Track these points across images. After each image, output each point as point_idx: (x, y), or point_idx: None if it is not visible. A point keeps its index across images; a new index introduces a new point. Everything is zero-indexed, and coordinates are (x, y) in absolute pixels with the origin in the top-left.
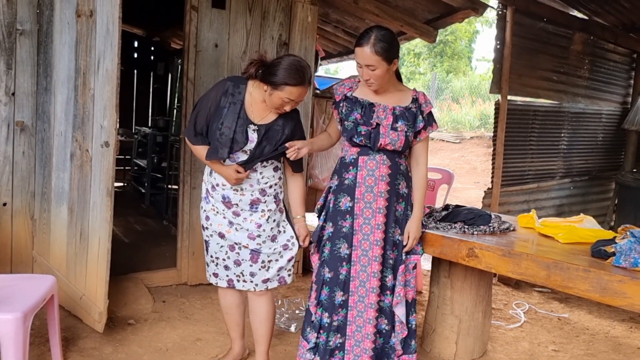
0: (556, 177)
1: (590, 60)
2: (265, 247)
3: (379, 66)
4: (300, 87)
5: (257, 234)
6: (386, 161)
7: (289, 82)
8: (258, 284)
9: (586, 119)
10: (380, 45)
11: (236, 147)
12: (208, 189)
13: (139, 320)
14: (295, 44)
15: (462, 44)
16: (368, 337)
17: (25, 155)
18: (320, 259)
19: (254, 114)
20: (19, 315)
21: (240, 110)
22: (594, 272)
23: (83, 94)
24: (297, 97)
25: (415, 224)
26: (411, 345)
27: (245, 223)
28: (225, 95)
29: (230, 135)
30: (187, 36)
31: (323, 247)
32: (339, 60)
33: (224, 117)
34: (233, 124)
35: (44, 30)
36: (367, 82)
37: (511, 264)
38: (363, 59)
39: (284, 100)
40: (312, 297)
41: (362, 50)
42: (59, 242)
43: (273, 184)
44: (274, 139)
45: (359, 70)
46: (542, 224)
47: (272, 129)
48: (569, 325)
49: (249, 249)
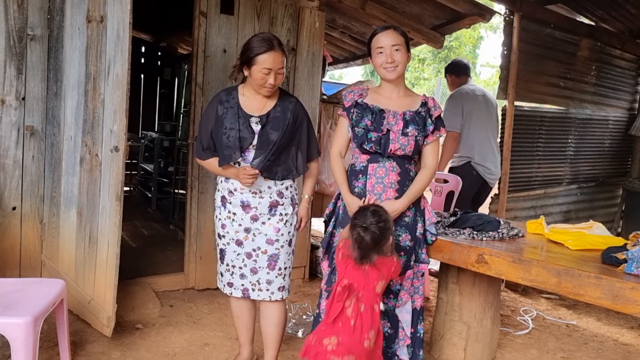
0: (563, 183)
1: (597, 66)
2: (283, 251)
3: (402, 49)
4: (271, 52)
5: (276, 238)
6: (396, 168)
7: (259, 51)
8: (274, 292)
9: (593, 125)
10: (401, 31)
11: (245, 143)
12: (224, 196)
13: (146, 325)
14: (303, 50)
15: (467, 50)
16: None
17: (34, 160)
18: (330, 266)
19: (252, 109)
20: (29, 320)
21: (238, 110)
22: (606, 279)
23: (93, 99)
24: (272, 64)
25: (394, 206)
26: (419, 355)
27: (264, 227)
28: (221, 103)
29: (237, 135)
30: (196, 41)
31: (333, 254)
32: (346, 65)
33: (225, 122)
34: (235, 124)
35: (55, 36)
36: (389, 65)
37: (521, 271)
38: (389, 40)
39: (263, 73)
40: (323, 304)
41: (387, 32)
42: (67, 246)
43: (289, 185)
44: (278, 124)
45: (379, 57)
46: (551, 230)
47: (273, 115)
48: (578, 332)
49: (267, 254)
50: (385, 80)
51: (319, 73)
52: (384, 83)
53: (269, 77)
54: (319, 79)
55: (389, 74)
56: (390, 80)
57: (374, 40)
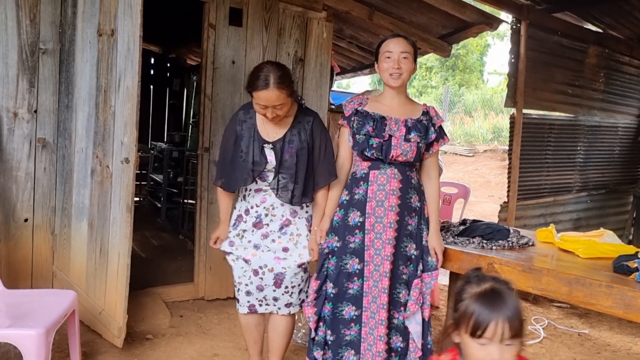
0: (573, 190)
1: (606, 73)
2: (289, 271)
3: (409, 57)
4: (262, 90)
5: (283, 257)
6: (397, 175)
7: (251, 88)
8: (281, 308)
9: (602, 132)
10: (411, 41)
11: (258, 168)
12: (241, 215)
13: (156, 335)
14: (311, 60)
15: (474, 58)
16: (380, 354)
17: (46, 172)
18: (320, 273)
19: (267, 133)
20: (41, 331)
21: (254, 132)
22: (617, 288)
23: (104, 111)
24: (264, 101)
25: (436, 237)
26: None
27: (273, 245)
28: (240, 124)
29: (250, 159)
30: (205, 53)
31: (325, 262)
32: (353, 75)
33: (242, 144)
34: (250, 147)
35: (66, 49)
36: (396, 71)
37: (532, 280)
38: (398, 47)
39: (259, 105)
40: (309, 312)
41: (397, 39)
42: (79, 257)
43: (304, 204)
44: (292, 148)
45: (386, 62)
46: (561, 239)
47: (287, 140)
48: (590, 341)
49: (273, 272)
50: (389, 86)
51: (327, 83)
52: (386, 90)
53: (267, 112)
54: (327, 89)
55: (393, 81)
56: (393, 87)
57: (384, 45)
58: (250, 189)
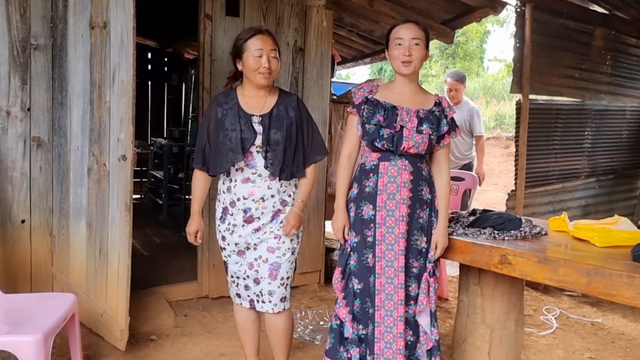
0: (581, 176)
1: (612, 55)
2: (285, 260)
3: (421, 44)
4: (259, 35)
5: (277, 246)
6: (408, 167)
7: (247, 36)
8: (277, 304)
9: (610, 116)
10: (423, 27)
11: (247, 144)
12: (226, 207)
13: (161, 336)
14: (311, 49)
15: (474, 45)
16: (400, 352)
17: (42, 171)
18: (344, 271)
19: (253, 108)
20: (39, 337)
21: (238, 110)
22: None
23: (99, 107)
24: (262, 45)
25: (442, 232)
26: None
27: (265, 236)
28: (220, 105)
29: (239, 136)
30: (202, 45)
31: (348, 259)
32: (354, 65)
33: (226, 123)
34: (237, 124)
35: (58, 44)
36: (407, 59)
37: (548, 271)
38: (409, 33)
39: (255, 56)
40: (344, 313)
41: (408, 25)
42: (78, 258)
43: (292, 192)
44: (281, 123)
45: (397, 49)
46: (575, 227)
47: (275, 114)
48: (604, 330)
49: (268, 263)
50: (400, 74)
51: (328, 73)
52: (397, 78)
53: (263, 60)
54: (328, 79)
55: (404, 68)
56: (405, 74)
57: (394, 31)
58: (235, 179)
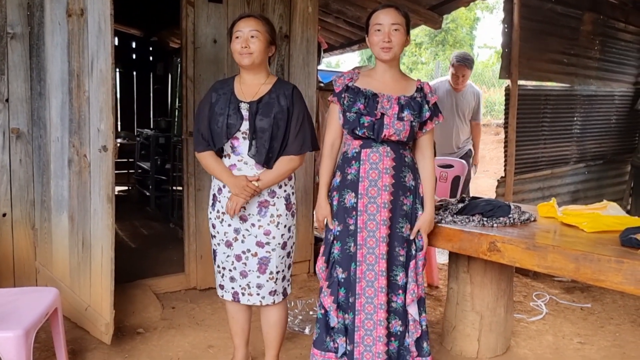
0: (570, 162)
1: (601, 40)
2: (274, 255)
3: (401, 29)
4: (243, 18)
5: (266, 241)
6: (390, 153)
7: (233, 21)
8: (265, 297)
9: (599, 102)
10: (404, 12)
11: (232, 129)
12: (215, 193)
13: (148, 329)
14: (296, 36)
15: (464, 32)
16: (380, 339)
17: (22, 164)
18: (329, 260)
19: (246, 94)
20: (20, 333)
21: (230, 96)
22: (628, 263)
23: (78, 97)
24: (242, 27)
25: (427, 219)
26: (424, 347)
27: (254, 229)
28: (215, 91)
29: (225, 121)
30: (184, 33)
31: (332, 247)
32: (341, 52)
33: (216, 108)
34: (225, 109)
35: (35, 33)
36: (386, 45)
37: (536, 258)
38: (389, 18)
39: (235, 36)
40: (329, 302)
41: (387, 10)
42: (61, 252)
43: (282, 183)
44: (269, 110)
45: (376, 35)
46: (564, 213)
47: (265, 102)
48: (593, 315)
49: (257, 257)
50: (380, 60)
51: (315, 60)
52: (378, 64)
53: (242, 41)
54: (314, 66)
55: (384, 54)
56: (385, 61)
57: (373, 17)
58: None
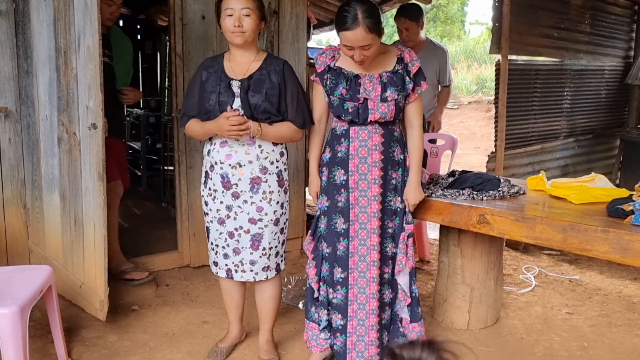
0: (560, 137)
1: (591, 14)
2: (267, 231)
3: (374, 43)
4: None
5: (259, 217)
6: (379, 129)
7: None
8: (258, 273)
9: (589, 76)
10: (369, 21)
11: (224, 107)
12: (207, 170)
13: (142, 306)
14: (285, 12)
15: (455, 8)
16: (373, 312)
17: (12, 143)
18: (315, 234)
19: (236, 72)
20: (15, 310)
21: (221, 73)
22: (614, 233)
23: (65, 75)
24: (233, 4)
25: (413, 188)
26: (418, 312)
27: (246, 206)
28: (206, 69)
29: (216, 99)
30: (172, 9)
31: (319, 222)
32: (331, 28)
33: (207, 86)
34: (216, 87)
35: (21, 9)
36: (361, 63)
37: (525, 229)
38: (357, 41)
39: (226, 15)
40: (312, 274)
41: (353, 33)
42: (53, 230)
43: (274, 159)
44: (260, 86)
45: (348, 52)
46: (552, 186)
47: (256, 78)
48: (581, 286)
49: (250, 234)
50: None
51: (304, 36)
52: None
53: (232, 19)
54: (304, 43)
55: (362, 65)
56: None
57: (341, 34)
58: (215, 142)
